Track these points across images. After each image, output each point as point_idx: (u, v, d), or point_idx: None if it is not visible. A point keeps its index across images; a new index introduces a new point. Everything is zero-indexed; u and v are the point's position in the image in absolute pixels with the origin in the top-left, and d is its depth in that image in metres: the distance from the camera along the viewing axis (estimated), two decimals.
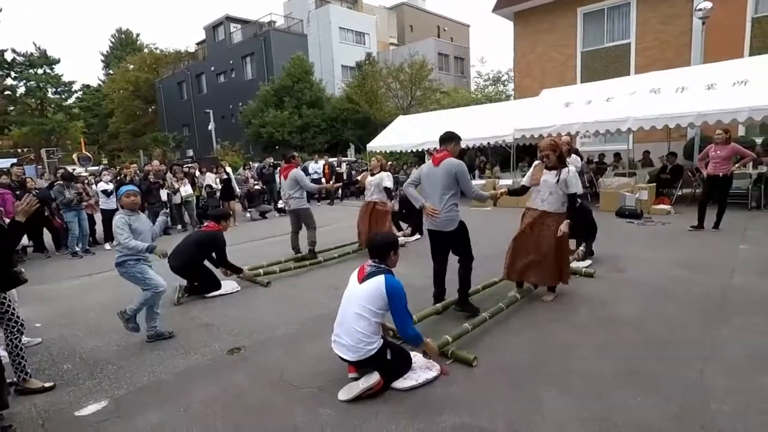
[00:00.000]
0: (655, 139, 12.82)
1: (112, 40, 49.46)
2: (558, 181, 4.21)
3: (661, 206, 9.22)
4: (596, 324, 3.89)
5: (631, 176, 10.37)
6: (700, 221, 7.36)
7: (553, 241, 4.27)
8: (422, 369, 3.10)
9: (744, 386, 2.79)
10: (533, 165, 4.59)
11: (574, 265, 5.42)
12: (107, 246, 8.85)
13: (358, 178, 8.27)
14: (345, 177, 15.25)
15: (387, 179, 7.09)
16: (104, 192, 8.90)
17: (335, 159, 17.41)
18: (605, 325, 3.84)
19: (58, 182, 8.30)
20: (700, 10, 11.22)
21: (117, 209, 8.77)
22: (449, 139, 4.14)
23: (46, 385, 3.27)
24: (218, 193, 11.29)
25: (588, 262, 5.69)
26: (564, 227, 4.15)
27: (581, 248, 5.78)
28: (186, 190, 10.46)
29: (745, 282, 4.72)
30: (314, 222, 6.85)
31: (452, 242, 4.17)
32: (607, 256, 5.96)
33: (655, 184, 10.13)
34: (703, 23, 11.29)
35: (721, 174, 7.09)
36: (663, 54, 13.98)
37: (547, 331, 3.81)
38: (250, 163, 16.04)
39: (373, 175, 7.17)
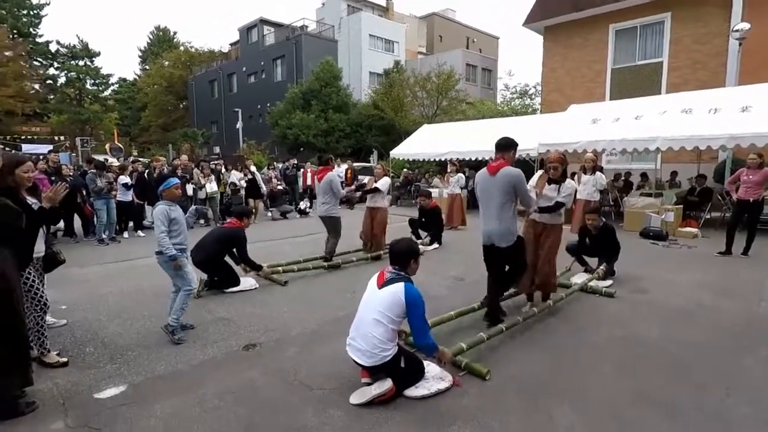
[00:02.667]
0: (684, 160, 12.54)
1: (151, 36, 50.99)
2: (557, 195, 4.31)
3: (688, 229, 8.99)
4: (615, 343, 3.82)
5: (658, 197, 10.15)
6: (728, 246, 7.16)
7: (543, 249, 4.36)
8: (435, 379, 3.10)
9: None
10: (537, 175, 4.59)
11: (593, 284, 5.34)
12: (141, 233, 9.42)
13: (365, 181, 8.56)
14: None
15: (381, 185, 7.46)
16: (124, 185, 9.11)
17: (359, 164, 17.51)
18: (624, 345, 3.77)
19: (91, 170, 8.58)
20: (737, 30, 10.97)
21: (132, 201, 9.16)
22: (506, 146, 3.93)
23: (62, 360, 3.47)
24: (242, 191, 11.48)
25: (609, 281, 5.59)
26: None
27: (602, 267, 5.69)
28: (211, 186, 10.68)
29: None
30: (340, 232, 6.89)
31: (508, 257, 3.99)
32: (629, 276, 5.85)
33: (682, 205, 9.90)
34: (740, 44, 11.03)
35: (751, 199, 6.89)
36: (696, 74, 13.70)
37: (563, 347, 3.76)
38: (274, 163, 16.27)
39: (376, 182, 7.51)
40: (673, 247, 8.03)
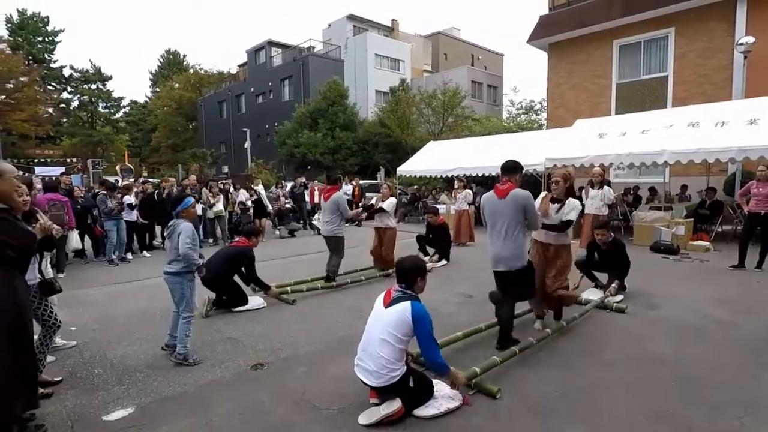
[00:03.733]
0: (693, 173, 12.44)
1: (161, 59, 52.11)
2: (557, 213, 4.20)
3: (700, 242, 8.87)
4: (627, 361, 3.75)
5: (667, 210, 10.05)
6: (741, 260, 7.06)
7: (553, 269, 4.27)
8: (444, 398, 3.06)
9: None
10: (541, 196, 4.48)
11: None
12: (147, 253, 9.43)
13: (371, 202, 8.48)
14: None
15: (387, 204, 7.33)
16: (129, 205, 9.11)
17: (366, 182, 17.58)
18: (637, 363, 3.70)
19: (102, 192, 8.70)
20: (741, 44, 11.00)
21: (137, 221, 9.20)
22: (513, 169, 3.93)
23: (56, 379, 3.50)
24: (251, 210, 11.56)
25: (620, 297, 5.51)
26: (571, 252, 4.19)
27: (614, 285, 5.61)
28: (217, 207, 10.74)
29: None
30: (343, 251, 6.83)
31: (518, 281, 3.92)
32: (640, 291, 5.76)
33: (692, 219, 9.80)
34: (745, 57, 11.04)
35: (763, 212, 6.81)
36: (702, 87, 13.68)
37: (574, 365, 3.70)
38: (282, 181, 16.40)
39: (382, 202, 7.40)
40: (684, 260, 7.93)
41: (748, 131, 8.60)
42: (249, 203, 11.62)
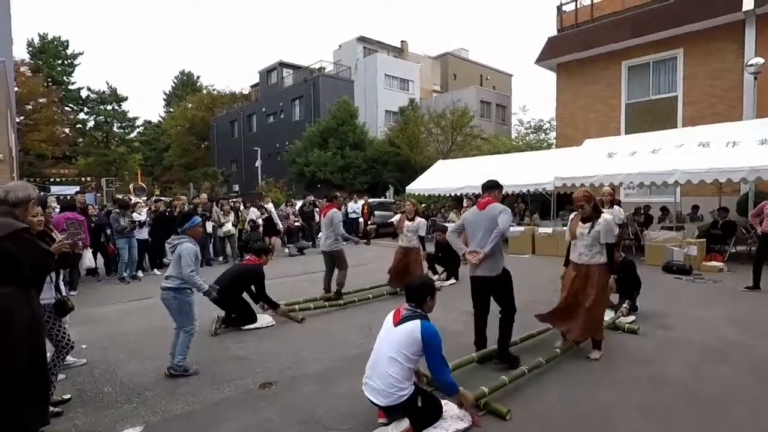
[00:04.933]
0: (705, 194, 12.34)
1: (175, 80, 53.36)
2: (589, 232, 4.15)
3: (713, 263, 8.74)
4: (640, 383, 3.68)
5: (679, 230, 9.95)
6: (755, 281, 6.94)
7: (594, 293, 4.13)
8: (453, 418, 3.02)
9: None
10: (570, 218, 4.54)
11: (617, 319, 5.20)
12: (157, 271, 9.37)
13: (393, 220, 8.36)
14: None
15: (422, 228, 7.14)
16: (138, 222, 9.09)
17: (375, 200, 17.64)
18: (650, 385, 3.63)
19: (115, 210, 8.83)
20: (751, 65, 11.01)
21: (147, 240, 9.21)
22: (493, 186, 4.30)
23: (65, 397, 3.53)
24: (261, 228, 11.64)
25: (632, 317, 5.43)
26: (610, 282, 4.04)
27: (625, 305, 5.53)
28: (226, 227, 10.81)
29: None
30: (346, 263, 6.87)
31: (495, 289, 4.14)
32: (652, 312, 5.68)
33: (705, 239, 9.68)
34: (755, 78, 11.04)
35: None
36: (713, 108, 13.67)
37: (587, 387, 3.64)
38: (292, 200, 16.53)
39: (409, 219, 7.18)
40: (697, 281, 7.81)
41: (759, 151, 8.56)
42: (260, 221, 11.71)
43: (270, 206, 12.38)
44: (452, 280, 8.07)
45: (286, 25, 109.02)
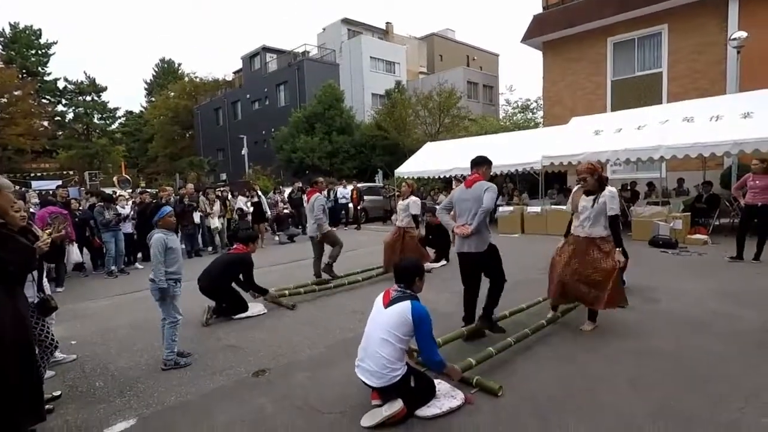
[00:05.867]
0: (689, 168, 12.49)
1: (156, 69, 52.22)
2: (593, 205, 4.15)
3: (698, 236, 8.90)
4: (629, 356, 3.75)
5: (665, 205, 10.08)
6: (739, 252, 7.09)
7: (606, 265, 4.11)
8: (446, 397, 3.06)
9: None
10: (572, 190, 4.54)
11: None
12: (138, 265, 9.30)
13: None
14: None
15: (413, 206, 7.11)
16: (122, 216, 8.92)
17: (364, 185, 17.57)
18: (638, 358, 3.70)
19: (99, 204, 8.69)
20: (734, 39, 11.04)
21: (132, 234, 9.08)
22: (481, 162, 4.30)
23: (55, 393, 3.46)
24: (249, 216, 11.55)
25: None
26: (618, 256, 4.05)
27: None
28: (214, 222, 10.70)
29: None
30: (339, 241, 6.94)
31: (484, 264, 4.21)
32: (640, 286, 5.77)
33: (690, 213, 9.82)
34: (738, 52, 11.08)
35: (759, 203, 6.84)
36: (696, 83, 13.72)
37: (577, 361, 3.70)
38: (281, 187, 16.39)
39: (403, 200, 7.24)
40: (683, 254, 7.94)
41: (742, 125, 8.64)
42: (248, 207, 11.62)
43: (260, 192, 12.28)
44: (443, 262, 8.11)
45: (268, 9, 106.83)
